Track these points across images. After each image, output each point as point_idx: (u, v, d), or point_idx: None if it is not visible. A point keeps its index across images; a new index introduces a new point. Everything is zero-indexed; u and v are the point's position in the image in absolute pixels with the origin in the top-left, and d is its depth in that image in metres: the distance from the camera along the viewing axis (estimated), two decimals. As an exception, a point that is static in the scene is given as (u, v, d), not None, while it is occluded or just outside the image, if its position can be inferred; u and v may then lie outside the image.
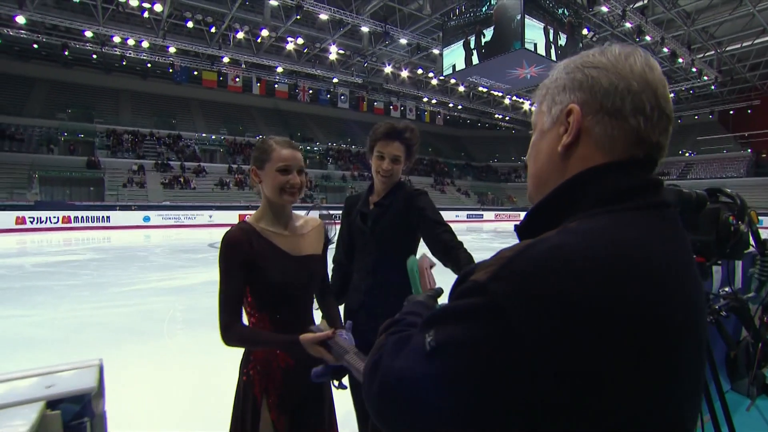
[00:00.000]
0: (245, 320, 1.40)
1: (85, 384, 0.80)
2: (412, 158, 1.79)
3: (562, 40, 15.80)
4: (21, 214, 17.69)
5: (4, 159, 21.69)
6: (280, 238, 1.42)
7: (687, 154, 34.52)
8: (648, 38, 18.87)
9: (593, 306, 0.45)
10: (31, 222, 17.74)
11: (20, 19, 17.77)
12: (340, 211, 1.96)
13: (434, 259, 1.23)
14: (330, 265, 1.69)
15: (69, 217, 18.63)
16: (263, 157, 1.38)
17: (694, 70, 22.21)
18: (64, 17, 18.35)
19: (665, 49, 19.62)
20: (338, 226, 1.75)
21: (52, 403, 0.78)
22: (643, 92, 0.56)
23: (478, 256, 0.83)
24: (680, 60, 20.88)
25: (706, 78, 23.48)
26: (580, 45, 16.77)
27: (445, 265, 1.66)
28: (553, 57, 15.60)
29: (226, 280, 1.32)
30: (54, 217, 18.30)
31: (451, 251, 1.62)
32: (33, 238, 15.69)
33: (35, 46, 23.26)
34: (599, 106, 0.57)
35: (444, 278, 1.12)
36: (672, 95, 25.83)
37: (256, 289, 1.37)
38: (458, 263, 1.57)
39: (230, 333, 1.29)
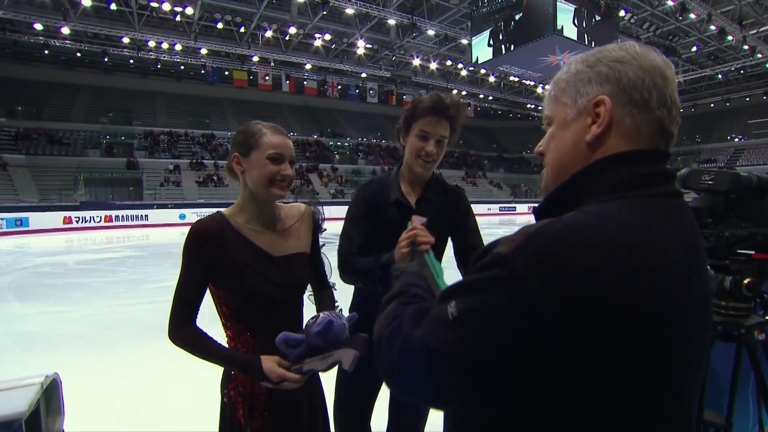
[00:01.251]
0: (222, 333, 1.26)
1: (14, 408, 0.68)
2: (453, 140, 1.53)
3: (597, 23, 15.06)
4: (68, 214, 18.61)
5: (54, 162, 22.93)
6: (260, 236, 1.25)
7: (737, 140, 32.40)
8: (692, 16, 17.72)
9: (597, 287, 0.49)
10: (77, 222, 18.64)
11: (65, 30, 18.77)
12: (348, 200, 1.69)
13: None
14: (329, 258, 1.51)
15: (110, 216, 19.46)
16: (249, 142, 1.20)
17: (745, 47, 20.73)
18: (104, 25, 19.17)
19: (712, 27, 18.40)
20: (325, 211, 1.51)
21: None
22: (665, 86, 0.60)
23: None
24: (729, 38, 19.51)
25: (759, 56, 21.87)
26: (618, 29, 15.96)
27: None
28: (588, 42, 14.91)
29: (185, 274, 1.18)
30: (97, 217, 19.16)
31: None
32: (78, 237, 16.49)
33: (78, 54, 24.41)
34: (628, 98, 0.59)
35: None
36: (720, 76, 24.10)
37: (231, 295, 1.21)
38: None
39: (178, 334, 1.16)
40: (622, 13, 17.21)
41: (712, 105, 32.52)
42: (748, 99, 30.58)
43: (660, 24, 19.71)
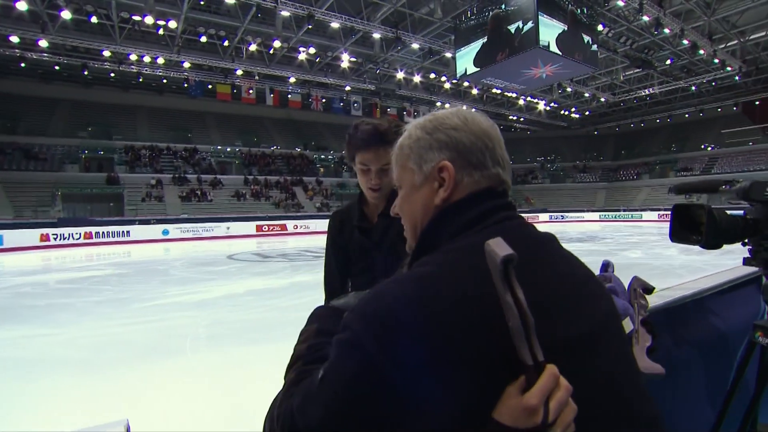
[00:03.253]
0: None
1: None
2: None
3: (578, 38, 15.49)
4: (45, 231, 18.02)
5: (30, 178, 22.23)
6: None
7: (710, 148, 33.54)
8: (666, 31, 18.40)
9: (413, 334, 0.51)
10: (55, 239, 18.06)
11: (43, 43, 18.29)
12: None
13: None
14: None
15: (90, 233, 18.93)
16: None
17: (716, 61, 21.57)
18: (83, 38, 18.76)
19: (685, 42, 19.10)
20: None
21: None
22: (495, 147, 0.67)
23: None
24: (701, 51, 20.30)
25: (729, 69, 22.75)
26: (594, 43, 16.43)
27: None
28: (569, 55, 15.30)
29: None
30: (76, 234, 18.61)
31: None
32: (57, 254, 15.94)
33: (57, 67, 23.81)
34: (467, 161, 0.66)
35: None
36: (693, 88, 25.11)
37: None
38: None
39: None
40: (600, 27, 17.74)
41: (686, 115, 33.73)
42: (719, 110, 31.77)
43: (636, 38, 20.40)
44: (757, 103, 30.14)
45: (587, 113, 34.75)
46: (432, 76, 26.07)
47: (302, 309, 1.48)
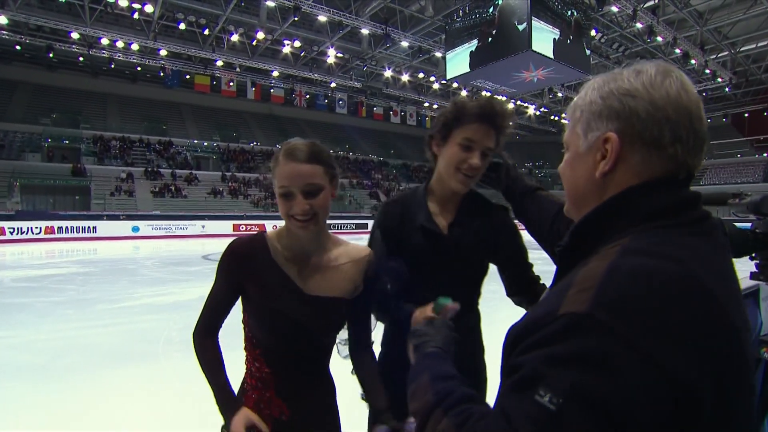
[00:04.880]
0: (244, 356, 1.24)
1: None
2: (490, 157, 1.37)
3: (570, 42, 15.78)
4: (0, 224, 17.41)
5: (-16, 166, 21.46)
6: (295, 266, 1.18)
7: (699, 160, 34.54)
8: (659, 39, 18.89)
9: (694, 327, 0.50)
10: (11, 233, 17.48)
11: (2, 20, 17.62)
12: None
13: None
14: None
15: (52, 227, 18.38)
16: (273, 169, 1.13)
17: (707, 71, 22.25)
18: (49, 18, 18.24)
19: (677, 50, 19.65)
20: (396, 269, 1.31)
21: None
22: (680, 119, 0.60)
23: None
24: (693, 61, 20.93)
25: (720, 80, 23.53)
26: (587, 48, 16.77)
27: (519, 303, 1.43)
28: (561, 59, 15.57)
29: (213, 285, 1.21)
30: (36, 228, 18.05)
31: (533, 288, 1.40)
32: (13, 250, 15.40)
33: (18, 47, 22.97)
34: (637, 135, 0.61)
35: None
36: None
37: (253, 319, 1.18)
38: (537, 299, 1.35)
39: (197, 338, 1.20)
40: (593, 32, 18.12)
41: (675, 126, 34.65)
42: (709, 121, 32.13)
43: (629, 45, 20.91)
44: (746, 115, 31.24)
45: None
46: (421, 75, 26.23)
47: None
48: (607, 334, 0.47)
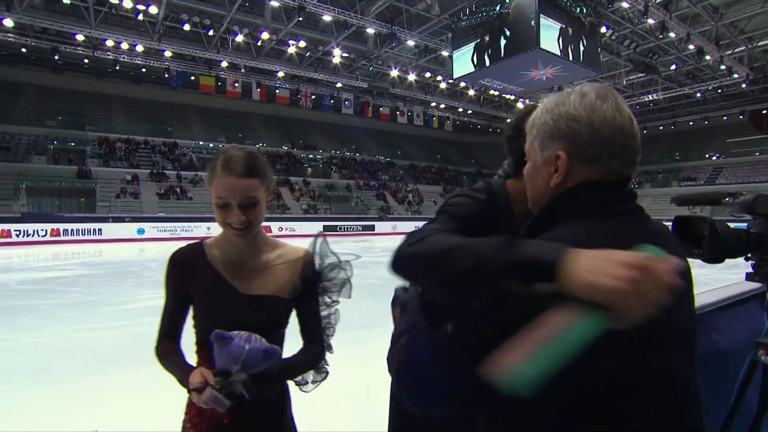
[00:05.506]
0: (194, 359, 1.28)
1: None
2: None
3: (580, 40, 15.69)
4: (6, 227, 17.69)
5: (-10, 169, 21.81)
6: (231, 268, 1.25)
7: (715, 158, 34.13)
8: (672, 35, 18.73)
9: None
10: (17, 235, 17.74)
11: (8, 22, 17.90)
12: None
13: None
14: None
15: (58, 229, 18.62)
16: (210, 178, 1.18)
17: (723, 67, 22.01)
18: (55, 20, 18.56)
19: (691, 46, 19.47)
20: (341, 271, 1.36)
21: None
22: (615, 138, 0.74)
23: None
24: (707, 57, 20.70)
25: (736, 76, 23.24)
26: (598, 46, 16.67)
27: None
28: (571, 57, 15.50)
29: (166, 298, 1.27)
30: (42, 230, 18.30)
31: None
32: (19, 252, 15.63)
33: (23, 50, 23.40)
34: (581, 154, 0.75)
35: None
36: (699, 95, 25.40)
37: (197, 324, 1.25)
38: None
39: (157, 347, 1.25)
40: (603, 29, 18.00)
41: (691, 123, 34.25)
42: (725, 118, 32.37)
43: (640, 42, 20.73)
44: (764, 112, 30.75)
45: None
46: (427, 75, 26.24)
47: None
48: None
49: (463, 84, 25.53)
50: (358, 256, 14.60)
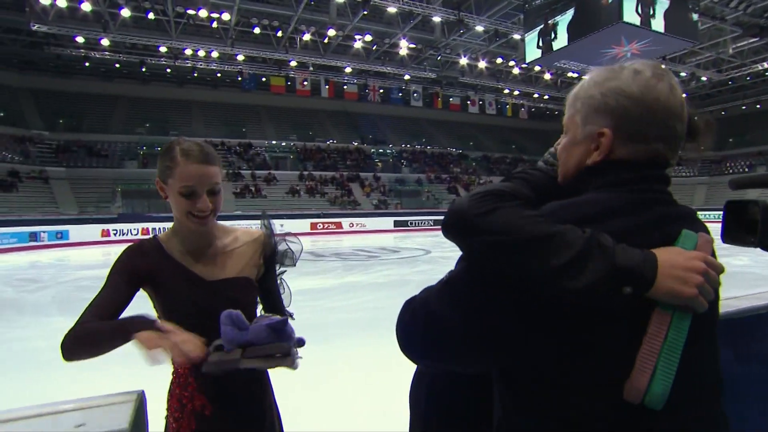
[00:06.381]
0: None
1: (118, 424, 0.76)
2: None
3: (673, 8, 14.40)
4: (106, 227, 19.84)
5: (92, 174, 24.62)
6: (192, 257, 1.27)
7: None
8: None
9: None
10: (115, 234, 19.83)
11: (105, 42, 20.36)
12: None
13: None
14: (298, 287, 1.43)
15: (147, 228, 20.54)
16: (167, 169, 1.18)
17: None
18: (142, 35, 20.58)
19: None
20: (292, 243, 1.45)
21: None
22: (665, 121, 0.73)
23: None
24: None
25: None
26: (694, 12, 15.24)
27: None
28: (657, 27, 14.29)
29: (102, 294, 1.19)
30: (134, 229, 20.30)
31: None
32: (116, 250, 17.16)
33: (117, 65, 26.35)
34: (627, 133, 0.74)
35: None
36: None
37: (164, 316, 1.24)
38: None
39: (66, 336, 1.09)
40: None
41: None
42: None
43: (751, 0, 18.42)
44: None
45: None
46: (499, 60, 25.57)
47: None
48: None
49: (538, 68, 24.57)
50: (427, 251, 14.59)
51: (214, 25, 20.27)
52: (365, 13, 18.27)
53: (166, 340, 0.98)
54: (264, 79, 26.33)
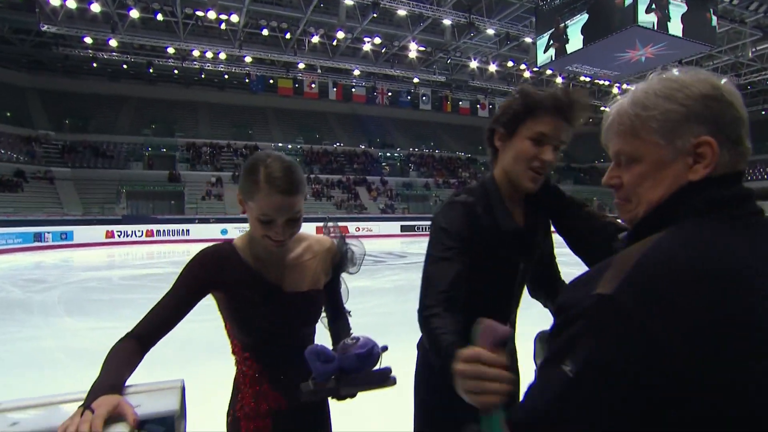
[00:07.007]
0: (233, 365, 1.36)
1: (170, 406, 0.89)
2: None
3: (691, 12, 14.34)
4: (110, 228, 20.06)
5: (97, 175, 24.89)
6: (269, 268, 1.29)
7: None
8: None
9: (712, 314, 0.55)
10: (119, 236, 20.03)
11: (113, 42, 20.64)
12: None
13: None
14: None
15: (152, 230, 20.75)
16: (249, 189, 1.16)
17: None
18: (150, 36, 20.85)
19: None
20: (355, 247, 1.47)
21: (140, 423, 0.85)
22: (746, 119, 0.69)
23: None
24: None
25: None
26: (713, 14, 15.18)
27: (537, 298, 1.55)
28: (674, 31, 14.26)
29: (168, 297, 1.20)
30: (139, 231, 20.49)
31: (555, 285, 1.51)
32: (120, 251, 17.65)
33: (125, 66, 26.71)
34: (726, 137, 0.67)
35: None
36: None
37: (236, 325, 1.28)
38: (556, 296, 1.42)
39: (118, 343, 1.11)
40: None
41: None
42: None
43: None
44: None
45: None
46: (510, 64, 25.59)
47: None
48: (625, 317, 0.56)
49: (549, 72, 24.56)
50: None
51: (223, 26, 20.48)
52: (375, 15, 18.39)
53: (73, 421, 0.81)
54: (272, 81, 26.53)
